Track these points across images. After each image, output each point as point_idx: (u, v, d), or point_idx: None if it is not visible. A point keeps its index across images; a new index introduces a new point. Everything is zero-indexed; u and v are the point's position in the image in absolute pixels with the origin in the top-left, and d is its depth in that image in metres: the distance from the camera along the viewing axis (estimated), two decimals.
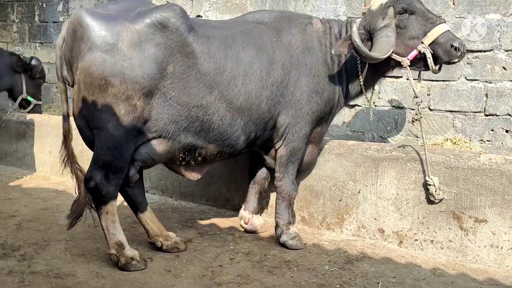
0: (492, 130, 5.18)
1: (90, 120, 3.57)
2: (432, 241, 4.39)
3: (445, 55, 3.86)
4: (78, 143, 6.01)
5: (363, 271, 3.93)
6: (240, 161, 5.07)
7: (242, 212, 4.69)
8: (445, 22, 3.91)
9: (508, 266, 4.11)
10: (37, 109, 6.99)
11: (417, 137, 5.47)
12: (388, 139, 5.60)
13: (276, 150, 4.27)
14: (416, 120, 4.22)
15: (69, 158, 3.84)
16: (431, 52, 3.86)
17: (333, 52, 4.07)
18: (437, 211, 4.35)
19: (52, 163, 6.45)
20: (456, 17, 5.19)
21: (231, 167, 5.26)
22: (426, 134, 5.41)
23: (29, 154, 6.84)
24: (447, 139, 5.24)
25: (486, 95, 5.18)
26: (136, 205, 4.08)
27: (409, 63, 3.95)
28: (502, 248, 4.14)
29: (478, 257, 4.21)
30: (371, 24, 3.99)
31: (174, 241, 4.14)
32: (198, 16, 6.50)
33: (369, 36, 4.03)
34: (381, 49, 3.89)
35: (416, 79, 4.25)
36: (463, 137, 5.27)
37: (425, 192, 4.36)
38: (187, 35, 3.64)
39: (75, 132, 3.93)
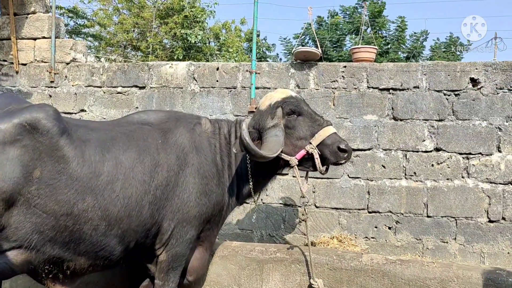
0: (376, 227, 5.24)
1: None
2: None
3: (332, 156, 3.86)
4: None
5: None
6: (119, 266, 4.66)
7: None
8: (331, 125, 3.95)
9: None
10: None
11: (304, 234, 5.40)
12: (277, 236, 5.48)
13: (157, 256, 3.94)
14: (303, 220, 4.14)
15: None
16: (318, 153, 3.85)
17: (234, 151, 3.96)
18: None
19: None
20: (337, 117, 5.38)
21: (109, 273, 4.80)
22: (313, 231, 5.38)
23: None
24: (333, 237, 5.22)
25: (368, 192, 5.28)
26: None
27: (297, 163, 3.90)
28: None
29: None
30: (260, 123, 3.95)
31: None
32: (82, 110, 6.23)
33: (259, 135, 3.98)
34: (271, 148, 3.83)
35: (302, 176, 4.22)
36: (348, 234, 5.28)
37: None
38: (59, 138, 3.34)
39: None
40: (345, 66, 5.43)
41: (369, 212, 5.27)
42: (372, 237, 5.23)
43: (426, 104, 5.20)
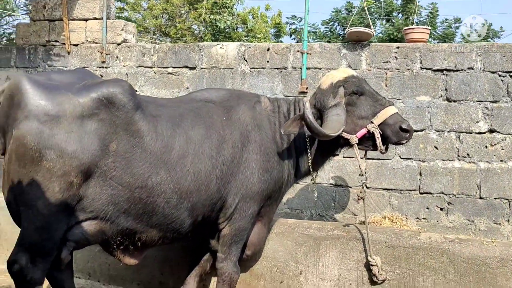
0: (427, 208, 5.26)
1: (18, 195, 3.21)
2: None
3: (394, 136, 3.89)
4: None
5: None
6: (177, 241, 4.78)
7: None
8: (393, 105, 3.96)
9: None
10: None
11: (355, 214, 5.45)
12: (327, 216, 5.54)
13: (220, 230, 4.04)
14: (360, 198, 4.18)
15: None
16: (380, 132, 3.88)
17: (282, 132, 4.01)
18: None
19: None
20: (389, 98, 5.37)
21: (166, 247, 4.94)
22: (363, 212, 5.42)
23: None
24: (385, 217, 5.26)
25: (420, 173, 5.29)
26: None
27: (357, 141, 3.94)
28: None
29: None
30: (321, 102, 4.00)
31: None
32: None
33: (319, 114, 4.03)
34: (332, 127, 3.87)
35: (362, 158, 4.26)
36: (399, 215, 5.31)
37: (368, 273, 4.26)
38: (134, 113, 3.43)
39: None
40: (398, 47, 5.42)
41: (421, 193, 5.29)
42: (423, 218, 5.25)
43: (481, 86, 5.17)
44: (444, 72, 5.28)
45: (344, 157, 5.42)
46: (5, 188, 3.35)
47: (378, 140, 3.89)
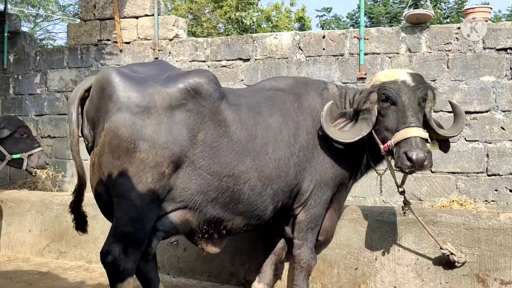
0: (496, 190, 5.17)
1: (112, 187, 3.26)
2: None
3: (398, 160, 3.44)
4: (63, 221, 5.69)
5: None
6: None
7: (256, 285, 4.36)
8: (418, 127, 3.47)
9: None
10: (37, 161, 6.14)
11: (420, 200, 5.39)
12: (391, 203, 5.49)
13: (295, 216, 4.05)
14: (406, 210, 3.99)
15: None
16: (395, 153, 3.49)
17: (320, 133, 3.88)
18: (460, 275, 4.18)
19: (32, 242, 5.96)
20: (452, 80, 5.29)
21: (236, 237, 4.97)
22: (429, 196, 5.36)
23: (6, 234, 6.32)
24: (453, 201, 5.17)
25: (487, 155, 5.20)
26: (148, 282, 3.73)
27: (385, 153, 3.64)
28: None
29: None
30: (357, 103, 3.82)
31: None
32: None
33: (357, 114, 3.82)
34: (353, 132, 3.72)
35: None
36: (467, 198, 5.22)
37: (446, 256, 4.21)
38: (219, 103, 3.46)
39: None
40: (459, 28, 5.33)
41: (488, 175, 5.20)
42: (492, 200, 5.17)
43: None
44: (508, 51, 5.17)
45: None
46: (95, 181, 3.41)
47: (395, 160, 3.49)
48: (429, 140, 3.56)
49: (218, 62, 6.23)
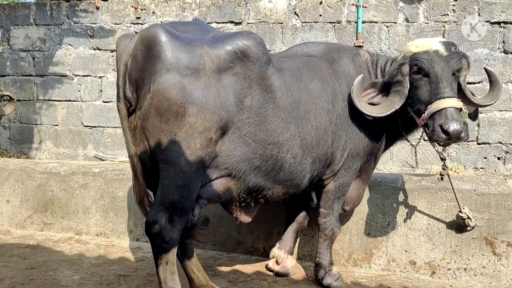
0: (485, 158, 5.42)
1: (158, 152, 3.05)
2: (465, 269, 4.39)
3: (432, 133, 3.41)
4: (48, 190, 5.29)
5: None
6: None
7: (276, 251, 4.33)
8: (453, 97, 3.42)
9: None
10: None
11: (412, 167, 5.56)
12: (384, 170, 5.61)
13: (324, 186, 4.02)
14: (443, 175, 4.04)
15: (142, 197, 3.25)
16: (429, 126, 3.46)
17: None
18: (470, 238, 4.39)
19: (11, 214, 5.52)
20: None
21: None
22: (422, 164, 5.54)
23: None
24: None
25: (478, 125, 5.43)
26: (183, 250, 3.58)
27: (421, 126, 3.61)
28: None
29: None
30: (388, 75, 3.75)
31: None
32: None
33: (387, 86, 3.77)
34: (385, 106, 3.66)
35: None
36: (458, 165, 5.45)
37: (457, 220, 4.39)
38: (267, 67, 3.31)
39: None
40: (456, 0, 5.45)
41: (478, 144, 5.44)
42: (481, 167, 5.43)
43: None
44: (502, 24, 5.38)
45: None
46: (137, 146, 3.18)
47: (429, 133, 3.47)
48: (464, 109, 3.64)
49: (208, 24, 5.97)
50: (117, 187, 5.09)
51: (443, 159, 3.85)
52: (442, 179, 4.16)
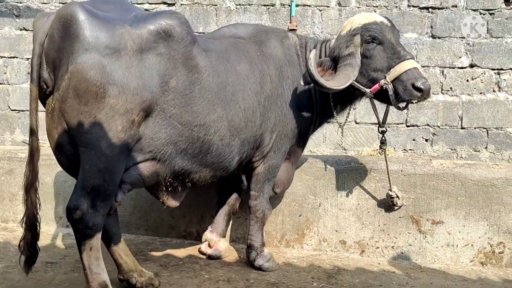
0: (413, 140, 5.59)
1: (78, 135, 2.94)
2: (393, 247, 4.54)
3: (405, 94, 3.58)
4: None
5: (350, 283, 3.89)
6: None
7: (208, 234, 4.31)
8: (413, 58, 3.67)
9: (463, 263, 4.43)
10: None
11: (345, 149, 5.65)
12: (317, 152, 5.69)
13: (254, 168, 4.02)
14: (383, 148, 4.17)
15: (31, 183, 3.10)
16: (392, 89, 3.61)
17: (301, 83, 3.85)
18: (397, 217, 4.53)
19: None
20: None
21: (192, 191, 4.81)
22: (354, 146, 5.65)
23: None
24: (375, 150, 5.51)
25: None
26: (110, 236, 3.50)
27: (372, 96, 3.75)
28: (457, 246, 4.45)
29: (436, 257, 4.47)
30: (336, 50, 3.77)
31: (148, 276, 3.62)
32: None
33: (334, 63, 3.81)
34: (340, 79, 3.68)
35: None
36: (388, 147, 5.59)
37: (385, 200, 4.51)
38: (192, 47, 3.24)
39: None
40: None
41: (407, 126, 5.60)
42: (410, 149, 5.59)
43: (463, 22, 5.49)
44: (430, 10, 5.52)
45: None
46: (54, 129, 3.06)
47: (392, 97, 3.63)
48: None
49: (140, 5, 5.80)
50: (44, 172, 4.88)
51: (383, 132, 4.05)
52: (382, 151, 4.21)
